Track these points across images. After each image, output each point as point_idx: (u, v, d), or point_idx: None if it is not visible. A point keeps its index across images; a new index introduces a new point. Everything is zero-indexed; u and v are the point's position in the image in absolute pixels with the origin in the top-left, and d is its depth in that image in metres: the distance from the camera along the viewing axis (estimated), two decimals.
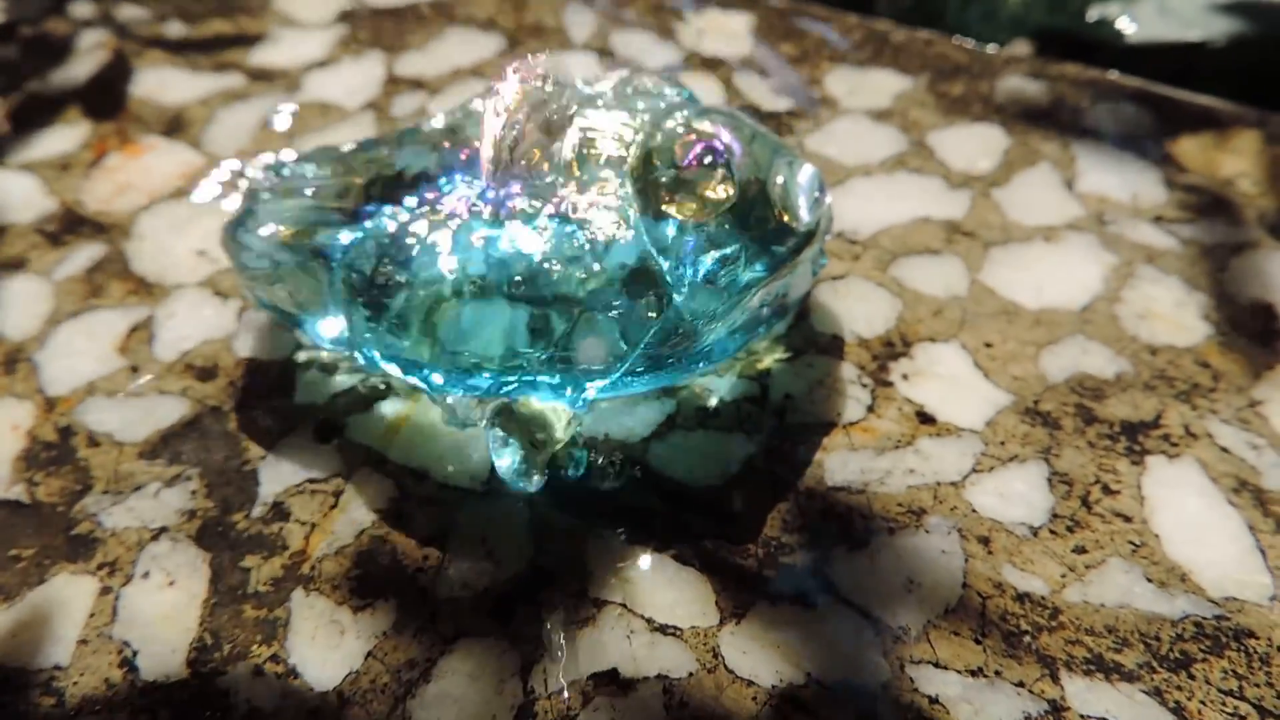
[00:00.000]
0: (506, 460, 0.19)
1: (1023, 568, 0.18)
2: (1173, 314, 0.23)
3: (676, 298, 0.19)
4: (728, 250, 0.19)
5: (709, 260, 0.19)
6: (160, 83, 0.31)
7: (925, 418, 0.21)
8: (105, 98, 0.31)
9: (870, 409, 0.21)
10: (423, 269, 0.19)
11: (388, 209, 0.21)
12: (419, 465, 0.20)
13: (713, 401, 0.21)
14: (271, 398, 0.22)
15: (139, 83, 0.31)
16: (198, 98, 0.31)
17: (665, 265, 0.19)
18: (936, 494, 0.20)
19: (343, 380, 0.22)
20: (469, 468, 0.20)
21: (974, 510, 0.19)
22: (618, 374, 0.19)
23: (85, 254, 0.26)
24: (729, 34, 0.32)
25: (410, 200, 0.21)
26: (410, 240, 0.20)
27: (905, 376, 0.22)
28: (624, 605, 0.18)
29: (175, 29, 0.34)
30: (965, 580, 0.18)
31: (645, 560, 0.19)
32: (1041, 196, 0.26)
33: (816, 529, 0.19)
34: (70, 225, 0.26)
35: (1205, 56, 0.33)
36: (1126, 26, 0.34)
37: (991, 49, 0.31)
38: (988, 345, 0.22)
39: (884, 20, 0.33)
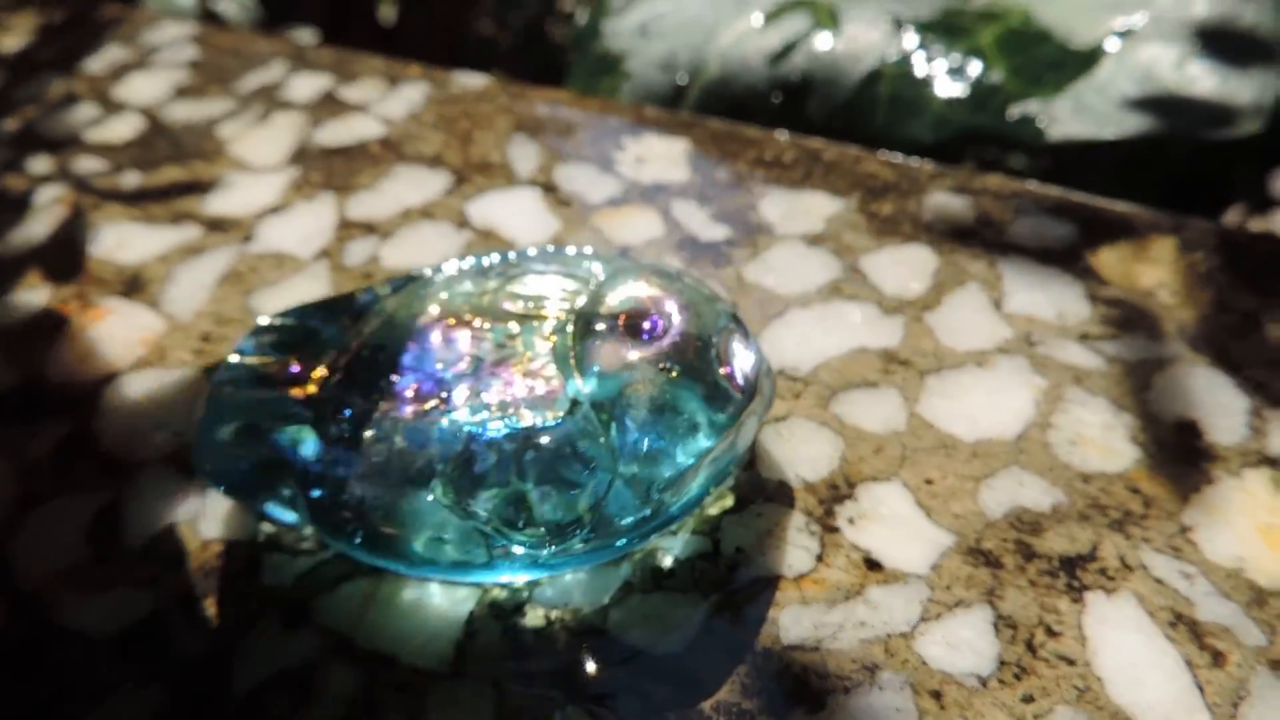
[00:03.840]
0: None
1: None
2: (1101, 438, 0.24)
3: (623, 470, 0.20)
4: (674, 419, 0.20)
5: (651, 431, 0.20)
6: (118, 239, 0.32)
7: (873, 564, 0.22)
8: (65, 258, 0.32)
9: (819, 558, 0.22)
10: (369, 474, 0.20)
11: (348, 403, 0.21)
12: (388, 650, 0.21)
13: (667, 562, 0.22)
14: (238, 581, 0.22)
15: (97, 241, 0.32)
16: (156, 254, 0.31)
17: (606, 438, 0.20)
18: (888, 647, 0.20)
19: (306, 562, 0.23)
20: (436, 648, 0.21)
21: (924, 663, 0.20)
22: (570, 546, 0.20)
23: (51, 433, 0.26)
24: (668, 160, 0.33)
25: (363, 388, 0.22)
26: (366, 444, 0.21)
27: (851, 520, 0.23)
28: None
29: (131, 179, 0.35)
30: None
31: None
32: (972, 319, 0.27)
33: (773, 691, 0.20)
34: (33, 400, 0.27)
35: (1121, 154, 0.35)
36: (1045, 125, 0.36)
37: (915, 162, 0.33)
38: (928, 482, 0.23)
39: (816, 138, 0.34)
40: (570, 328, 0.22)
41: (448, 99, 0.38)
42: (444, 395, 0.21)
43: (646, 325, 0.21)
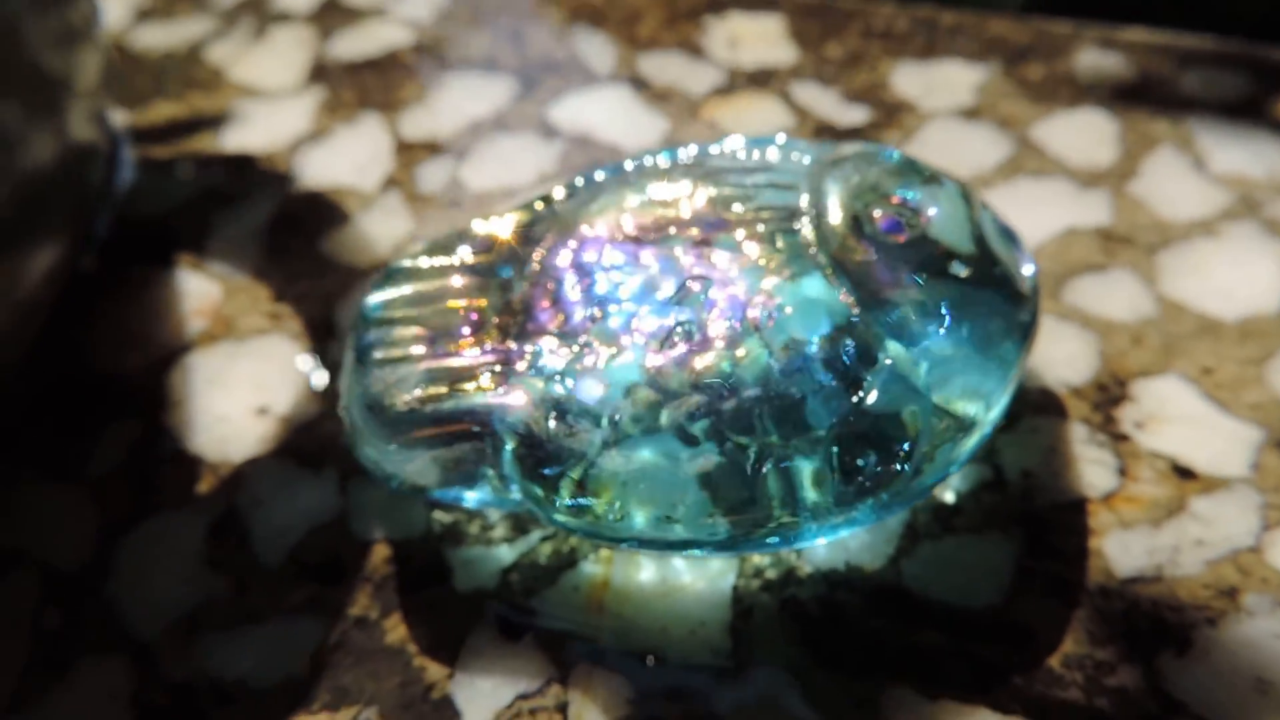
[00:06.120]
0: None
1: None
2: None
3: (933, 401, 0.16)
4: (984, 328, 0.16)
5: (964, 348, 0.16)
6: (126, 194, 0.26)
7: (1184, 471, 0.19)
8: None
9: (1122, 472, 0.19)
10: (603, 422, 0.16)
11: (544, 345, 0.17)
12: (644, 646, 0.17)
13: (949, 497, 0.18)
14: (425, 590, 0.18)
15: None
16: (180, 205, 0.26)
17: (910, 362, 0.16)
18: (1238, 564, 0.17)
19: (506, 551, 0.18)
20: (707, 637, 0.17)
21: None
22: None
23: (118, 437, 0.21)
24: (765, 40, 0.29)
25: (558, 323, 0.17)
26: (587, 388, 0.16)
27: (1139, 425, 0.19)
28: None
29: (118, 121, 0.28)
30: None
31: (959, 719, 0.16)
32: (1179, 185, 0.24)
33: (1128, 635, 0.17)
34: (81, 398, 0.21)
35: None
36: None
37: (1044, 22, 0.29)
38: (1207, 371, 0.20)
39: (923, 5, 0.30)
40: (811, 235, 0.17)
41: None
42: (684, 329, 0.17)
43: (911, 224, 0.17)
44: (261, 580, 0.18)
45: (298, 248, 0.24)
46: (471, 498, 0.18)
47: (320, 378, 0.21)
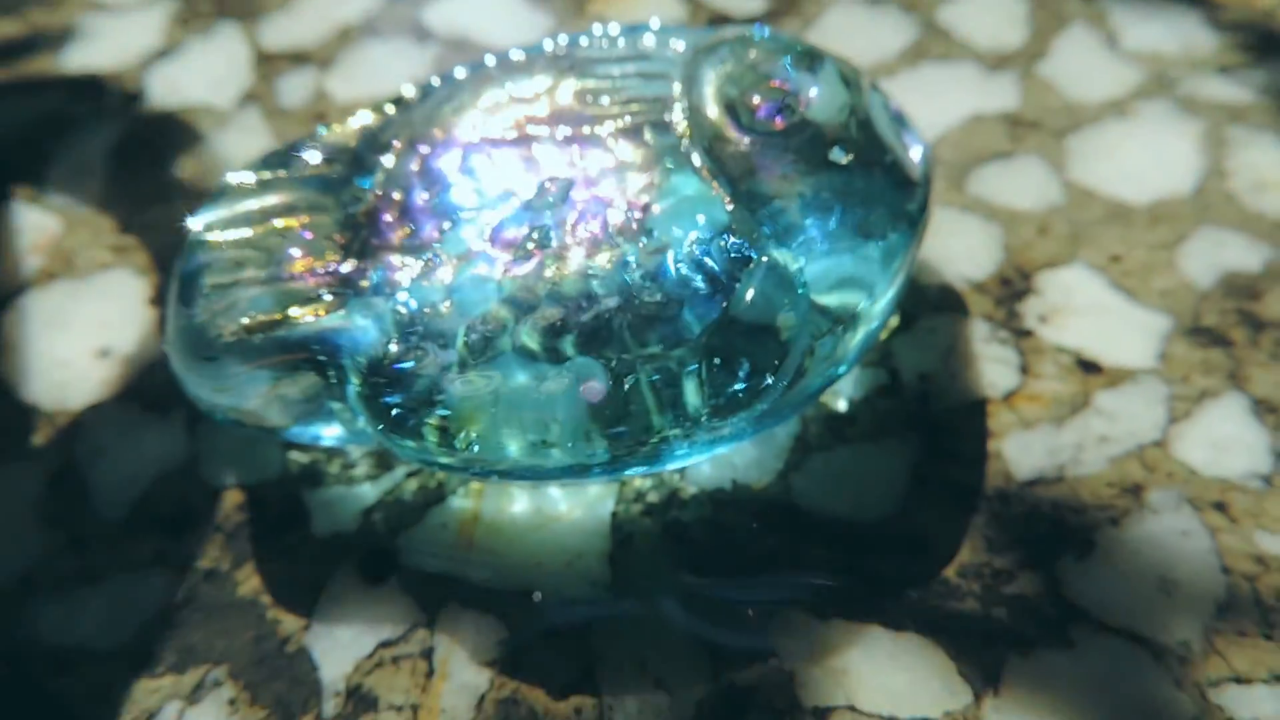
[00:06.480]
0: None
1: (1276, 530, 0.16)
2: None
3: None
4: (867, 220, 0.15)
5: (844, 242, 0.15)
6: None
7: (1089, 365, 0.18)
8: None
9: (1023, 370, 0.18)
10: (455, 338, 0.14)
11: (389, 261, 0.15)
12: (519, 583, 0.16)
13: (841, 405, 0.17)
14: (282, 536, 0.17)
15: None
16: (14, 131, 0.23)
17: (786, 260, 0.15)
18: (1144, 460, 0.16)
19: (369, 490, 0.17)
20: (585, 568, 0.16)
21: (1194, 471, 0.16)
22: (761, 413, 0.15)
23: None
24: None
25: (402, 235, 0.16)
26: (434, 306, 0.15)
27: (1043, 319, 0.18)
28: (852, 708, 0.14)
29: None
30: (1224, 564, 0.15)
31: (850, 639, 0.15)
32: (1090, 64, 0.22)
33: (1028, 540, 0.16)
34: None
35: None
36: None
37: None
38: (1115, 259, 0.19)
39: None
40: (683, 127, 0.16)
41: None
42: (540, 236, 0.15)
43: (790, 108, 0.16)
44: (103, 536, 0.17)
45: (146, 174, 0.22)
46: (329, 435, 0.16)
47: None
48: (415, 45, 0.24)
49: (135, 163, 0.23)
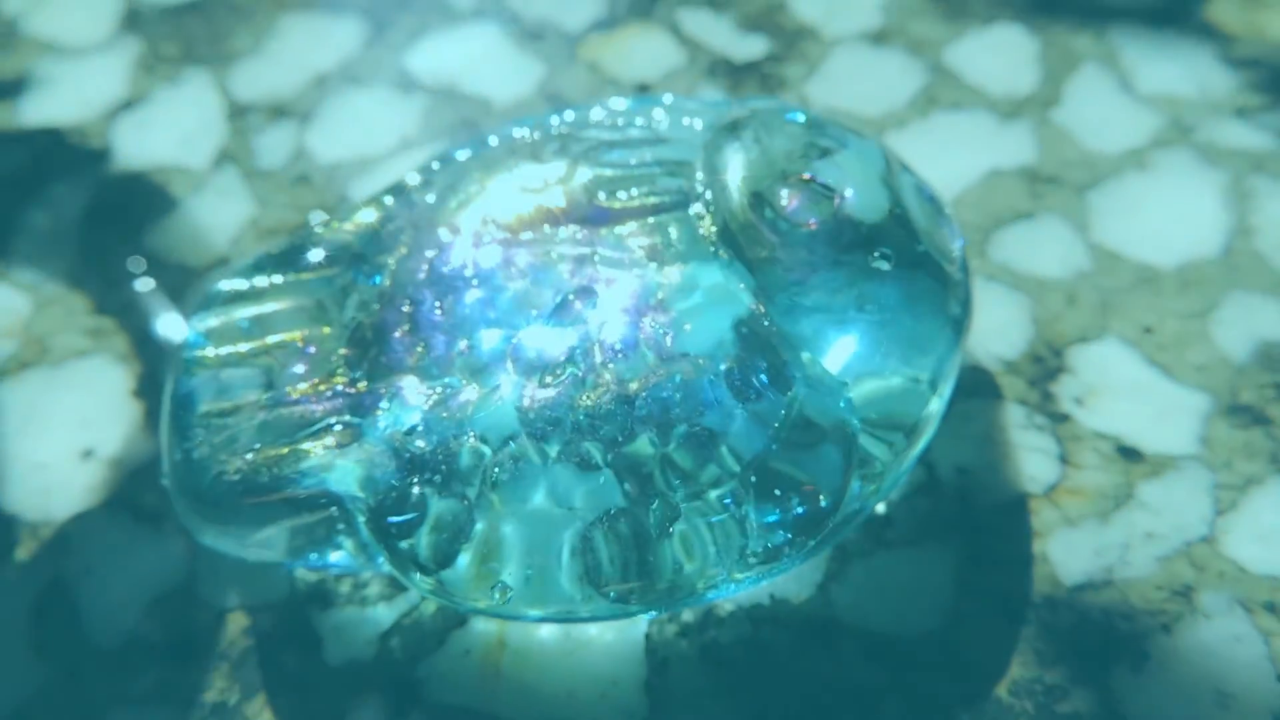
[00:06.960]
0: None
1: None
2: None
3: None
4: (912, 328, 0.14)
5: (891, 355, 0.14)
6: None
7: (1130, 453, 0.17)
8: None
9: (1063, 459, 0.17)
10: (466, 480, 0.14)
11: (402, 386, 0.14)
12: (545, 715, 0.15)
13: (879, 507, 0.17)
14: (293, 665, 0.16)
15: None
16: None
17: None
18: (1192, 558, 0.16)
19: (384, 612, 0.16)
20: (621, 699, 0.15)
21: (1243, 569, 0.16)
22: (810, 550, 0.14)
23: None
24: None
25: (416, 356, 0.15)
26: (450, 439, 0.14)
27: (1079, 401, 0.18)
28: None
29: None
30: (1278, 672, 0.15)
31: None
32: (1105, 110, 0.22)
33: (1079, 652, 0.15)
34: None
35: None
36: None
37: None
38: (1147, 332, 0.18)
39: None
40: (709, 226, 0.15)
41: None
42: (566, 358, 0.14)
43: (824, 204, 0.15)
44: (97, 666, 0.16)
45: (118, 246, 0.21)
46: (337, 558, 0.15)
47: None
48: (400, 95, 0.23)
49: (105, 233, 0.21)
